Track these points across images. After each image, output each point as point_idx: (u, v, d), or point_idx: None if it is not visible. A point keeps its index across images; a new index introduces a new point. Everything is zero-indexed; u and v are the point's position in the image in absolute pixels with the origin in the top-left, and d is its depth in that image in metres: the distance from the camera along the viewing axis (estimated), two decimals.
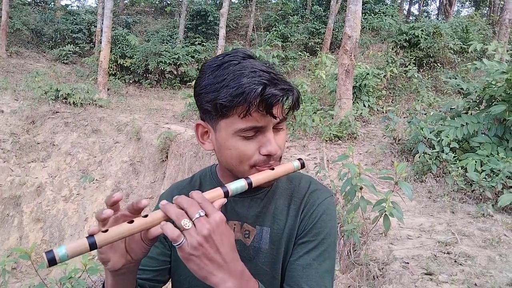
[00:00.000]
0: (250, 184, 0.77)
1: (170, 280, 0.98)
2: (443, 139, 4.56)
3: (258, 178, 0.79)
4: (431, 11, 26.66)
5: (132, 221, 0.66)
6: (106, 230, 0.64)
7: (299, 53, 13.38)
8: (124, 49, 14.08)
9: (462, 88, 5.39)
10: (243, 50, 0.83)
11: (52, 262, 0.60)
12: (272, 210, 0.90)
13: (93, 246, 0.63)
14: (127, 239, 0.71)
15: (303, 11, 18.20)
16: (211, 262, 0.66)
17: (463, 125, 4.68)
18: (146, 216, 0.68)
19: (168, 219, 0.67)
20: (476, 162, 4.17)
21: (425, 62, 10.09)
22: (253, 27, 17.62)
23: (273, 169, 0.81)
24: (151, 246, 0.72)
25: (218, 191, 0.73)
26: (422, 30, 9.74)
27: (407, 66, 9.02)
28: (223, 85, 0.76)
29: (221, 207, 0.71)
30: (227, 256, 0.67)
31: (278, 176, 0.82)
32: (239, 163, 0.81)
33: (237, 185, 0.76)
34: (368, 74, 8.00)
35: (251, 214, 0.90)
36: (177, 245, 0.65)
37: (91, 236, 0.63)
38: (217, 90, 0.77)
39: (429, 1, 26.88)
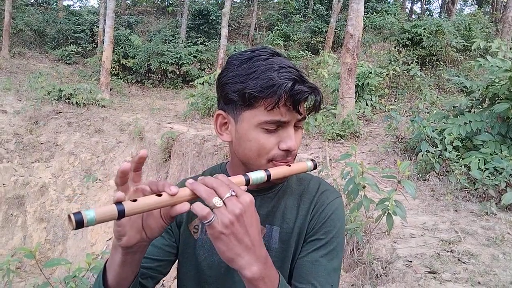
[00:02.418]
0: (269, 176, 0.78)
1: (176, 276, 0.99)
2: (446, 138, 4.55)
3: (276, 171, 0.80)
4: (434, 9, 26.59)
5: (160, 195, 0.65)
6: (135, 200, 0.64)
7: (301, 52, 13.37)
8: (127, 49, 14.10)
9: (465, 86, 5.38)
10: (271, 48, 0.86)
11: (79, 224, 0.58)
12: (282, 210, 0.91)
13: (121, 213, 0.61)
14: (145, 215, 0.71)
15: (305, 10, 18.17)
16: (240, 243, 0.66)
17: (466, 124, 4.66)
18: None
19: (195, 197, 0.67)
20: (479, 160, 4.16)
21: (427, 60, 10.06)
22: (255, 26, 17.62)
23: (289, 165, 0.83)
24: (170, 224, 0.72)
25: (240, 178, 0.74)
26: (424, 29, 9.72)
27: (409, 65, 9.00)
28: (253, 77, 0.78)
29: None
30: (255, 239, 0.67)
31: (294, 173, 0.84)
32: (257, 156, 0.82)
33: (257, 175, 0.77)
34: (370, 72, 7.99)
35: (261, 213, 0.90)
36: (207, 222, 0.64)
37: (120, 203, 0.62)
38: (245, 81, 0.79)
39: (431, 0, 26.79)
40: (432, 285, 2.45)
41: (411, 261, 2.74)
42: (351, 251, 3.14)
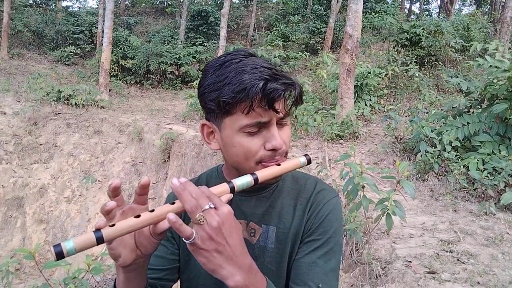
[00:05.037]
0: (256, 179, 0.77)
1: (179, 279, 0.99)
2: (445, 138, 4.56)
3: (264, 173, 0.79)
4: (432, 10, 26.63)
5: (138, 216, 0.66)
6: (113, 225, 0.64)
7: (300, 52, 13.37)
8: (126, 50, 14.10)
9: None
10: (245, 49, 0.84)
11: (59, 255, 0.59)
12: (279, 209, 0.90)
13: (99, 240, 0.62)
14: (136, 234, 0.72)
15: (304, 11, 18.18)
16: (220, 254, 0.66)
17: (465, 124, 4.67)
18: (152, 210, 0.67)
19: (177, 212, 0.66)
20: (478, 160, 4.17)
21: (426, 60, 10.07)
22: (254, 27, 17.62)
23: (279, 165, 0.82)
24: (160, 240, 0.72)
25: (224, 186, 0.73)
26: (423, 29, 9.73)
27: (408, 65, 9.00)
28: (226, 83, 0.77)
29: (228, 204, 0.70)
30: (235, 249, 0.67)
31: (285, 171, 0.83)
32: (245, 160, 0.82)
33: (243, 181, 0.76)
34: (369, 73, 7.99)
35: (257, 212, 0.90)
36: (189, 241, 0.65)
37: (98, 230, 0.63)
38: (219, 88, 0.78)
39: (430, 0, 26.84)
40: (431, 285, 2.46)
41: (410, 261, 2.75)
42: (350, 252, 3.14)
